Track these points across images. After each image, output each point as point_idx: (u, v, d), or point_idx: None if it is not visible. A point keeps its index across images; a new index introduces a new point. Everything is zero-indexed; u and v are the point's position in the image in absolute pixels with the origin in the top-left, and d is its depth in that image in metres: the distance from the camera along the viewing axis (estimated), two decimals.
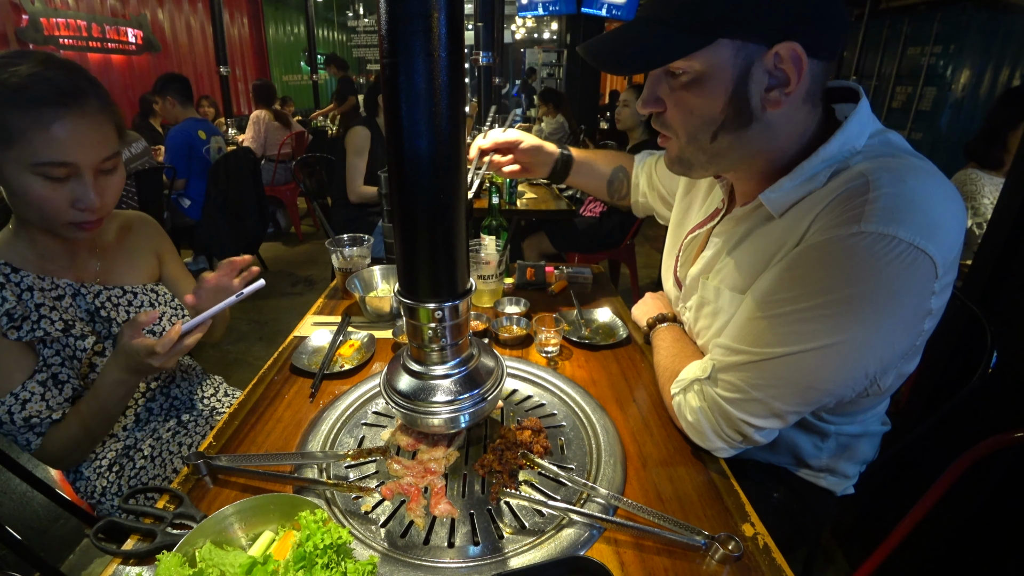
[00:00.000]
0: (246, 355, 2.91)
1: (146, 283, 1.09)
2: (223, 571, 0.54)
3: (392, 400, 0.72)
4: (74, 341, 0.93)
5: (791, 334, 0.67)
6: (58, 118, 0.79)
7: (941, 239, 0.61)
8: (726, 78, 0.66)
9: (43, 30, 5.33)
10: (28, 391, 0.88)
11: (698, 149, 0.74)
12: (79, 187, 0.83)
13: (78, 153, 0.81)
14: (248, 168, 3.34)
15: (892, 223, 0.60)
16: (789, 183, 0.72)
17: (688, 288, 0.95)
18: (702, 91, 0.68)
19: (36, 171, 0.80)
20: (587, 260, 2.95)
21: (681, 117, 0.72)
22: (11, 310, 0.87)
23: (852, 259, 0.62)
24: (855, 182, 0.65)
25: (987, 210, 2.02)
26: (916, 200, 0.62)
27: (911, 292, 0.63)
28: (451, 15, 0.51)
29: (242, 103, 8.43)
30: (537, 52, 9.91)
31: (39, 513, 0.89)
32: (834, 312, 0.64)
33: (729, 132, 0.70)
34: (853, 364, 0.67)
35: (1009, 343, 1.12)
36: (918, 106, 5.81)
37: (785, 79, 0.65)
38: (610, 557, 0.63)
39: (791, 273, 0.68)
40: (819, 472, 0.94)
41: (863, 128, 0.71)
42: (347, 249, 1.37)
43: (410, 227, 0.60)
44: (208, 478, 0.75)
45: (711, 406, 0.76)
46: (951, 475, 0.90)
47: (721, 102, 0.68)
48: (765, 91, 0.67)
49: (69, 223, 0.86)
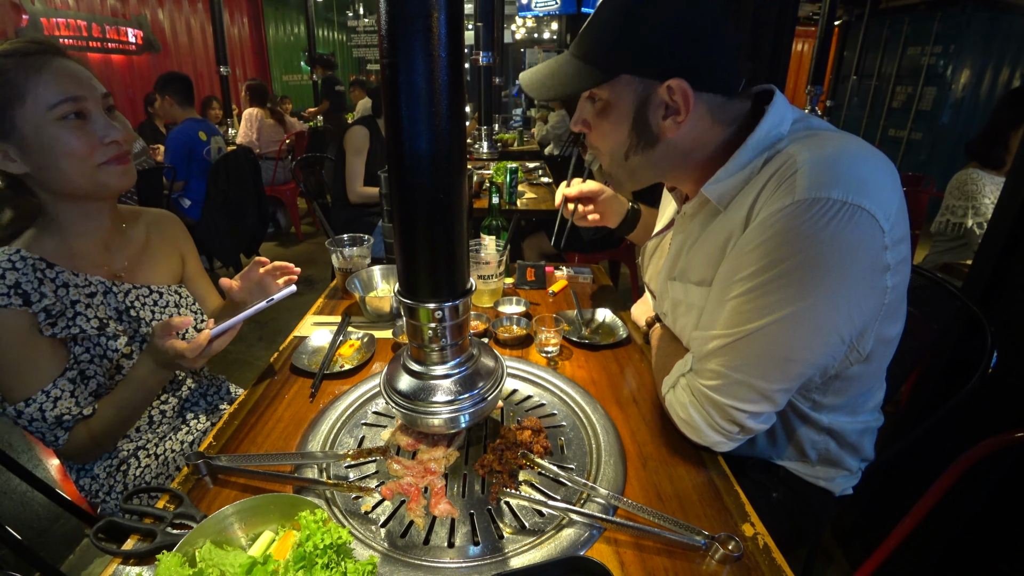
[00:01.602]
0: (246, 355, 2.91)
1: (171, 284, 1.11)
2: (223, 571, 0.54)
3: (392, 400, 0.72)
4: (106, 341, 0.95)
5: (755, 310, 0.70)
6: (50, 63, 0.85)
7: (874, 193, 0.65)
8: (628, 107, 0.76)
9: (43, 30, 5.33)
10: (59, 388, 0.89)
11: (618, 166, 0.83)
12: (97, 122, 0.88)
13: (80, 87, 0.86)
14: (248, 168, 3.33)
15: (822, 187, 0.65)
16: (724, 173, 0.78)
17: (660, 292, 0.98)
18: (610, 117, 0.79)
19: (53, 116, 0.84)
20: (587, 260, 2.95)
21: (599, 139, 0.83)
22: (49, 306, 0.87)
23: (795, 228, 0.66)
24: (784, 163, 0.71)
25: (988, 210, 2.02)
26: (839, 163, 0.67)
27: (859, 247, 0.66)
28: (451, 15, 0.51)
29: (242, 103, 8.43)
30: (537, 52, 9.89)
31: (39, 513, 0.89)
32: (790, 280, 0.67)
33: (637, 152, 0.80)
34: (822, 328, 0.69)
35: (1009, 343, 1.12)
36: (918, 106, 5.81)
37: (676, 109, 0.74)
38: (610, 557, 0.63)
39: (743, 254, 0.72)
40: (819, 468, 0.94)
41: (784, 115, 0.77)
42: (347, 249, 1.37)
43: (410, 227, 0.60)
44: (208, 478, 0.75)
45: (699, 398, 0.78)
46: (951, 475, 0.90)
47: (626, 127, 0.78)
48: (662, 119, 0.76)
49: (101, 165, 0.89)
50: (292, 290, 0.97)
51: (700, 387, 0.77)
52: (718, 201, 0.79)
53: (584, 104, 0.83)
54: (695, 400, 0.78)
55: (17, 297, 0.84)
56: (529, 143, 5.45)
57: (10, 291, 0.84)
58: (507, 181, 2.62)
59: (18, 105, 0.83)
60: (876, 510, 1.63)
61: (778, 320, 0.69)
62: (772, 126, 0.76)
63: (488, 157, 3.89)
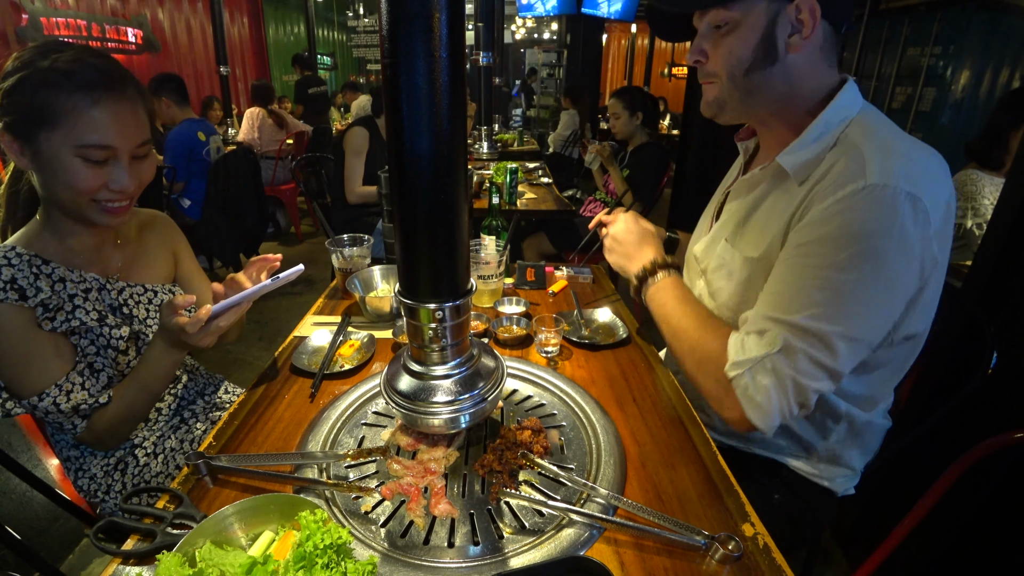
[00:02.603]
0: (246, 355, 2.91)
1: (164, 283, 1.11)
2: (223, 571, 0.54)
3: (392, 400, 0.72)
4: (109, 331, 0.95)
5: (838, 291, 0.73)
6: (101, 101, 0.83)
7: (930, 188, 0.72)
8: (759, 24, 0.80)
9: (43, 29, 5.32)
10: (71, 382, 0.90)
11: (734, 87, 0.85)
12: (116, 170, 0.87)
13: (118, 137, 0.85)
14: (248, 168, 3.33)
15: (889, 175, 0.71)
16: (798, 144, 0.83)
17: (705, 251, 1.01)
18: (739, 35, 0.82)
19: (78, 152, 0.83)
20: (588, 260, 2.94)
21: (721, 59, 0.85)
22: (46, 300, 0.88)
23: (866, 208, 0.71)
24: (852, 151, 0.77)
25: (987, 210, 2.02)
26: (904, 157, 0.74)
27: (915, 234, 0.71)
28: (452, 16, 0.51)
29: (242, 103, 8.43)
30: (537, 52, 9.89)
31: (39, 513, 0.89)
32: (866, 259, 0.72)
33: (759, 69, 0.82)
34: (888, 304, 0.75)
35: (1009, 343, 1.12)
36: (918, 107, 5.81)
37: (801, 28, 0.79)
38: (610, 557, 0.63)
39: (820, 233, 0.75)
40: (822, 467, 0.95)
41: (855, 98, 0.84)
42: (347, 249, 1.37)
43: (411, 227, 0.60)
44: (208, 478, 0.75)
45: (785, 382, 0.76)
46: (951, 475, 0.90)
47: (753, 43, 0.81)
48: (788, 36, 0.80)
49: (97, 204, 0.88)
50: (300, 269, 0.93)
51: (789, 371, 0.75)
52: (792, 171, 0.83)
53: (704, 35, 0.86)
54: (780, 384, 0.76)
55: (13, 292, 0.85)
56: (529, 143, 5.46)
57: (6, 286, 0.84)
58: (507, 181, 2.62)
59: (47, 128, 0.81)
60: (876, 510, 1.63)
61: (861, 300, 0.73)
62: (844, 105, 0.82)
63: (488, 157, 3.90)
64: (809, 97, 0.85)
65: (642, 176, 3.00)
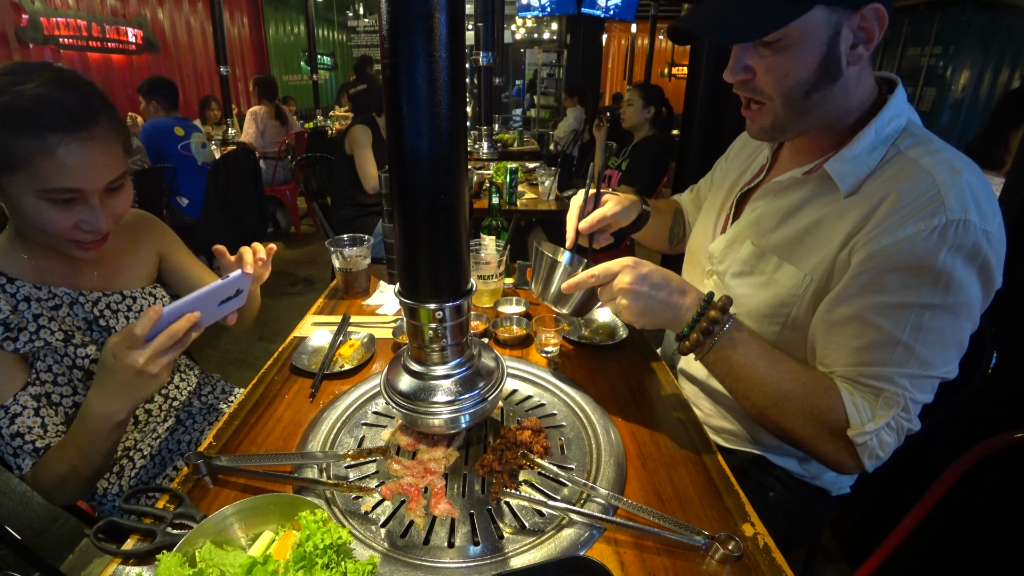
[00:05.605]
0: (246, 355, 2.91)
1: (144, 286, 1.07)
2: (223, 571, 0.54)
3: (392, 400, 0.72)
4: (74, 350, 0.91)
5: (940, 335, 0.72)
6: (65, 143, 0.75)
7: (995, 218, 0.70)
8: (820, 40, 0.72)
9: (43, 30, 5.32)
10: (20, 404, 0.84)
11: (792, 109, 0.78)
12: (85, 210, 0.81)
13: (86, 179, 0.79)
14: (248, 167, 3.33)
15: (966, 211, 0.68)
16: (849, 152, 0.77)
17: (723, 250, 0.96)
18: (797, 54, 0.73)
19: (42, 196, 0.77)
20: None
21: (775, 80, 0.76)
22: (6, 320, 0.84)
23: (954, 248, 0.68)
24: (916, 169, 0.73)
25: None
26: (975, 191, 0.70)
27: (991, 268, 0.70)
28: (452, 16, 0.51)
29: (242, 103, 8.43)
30: (537, 52, 9.89)
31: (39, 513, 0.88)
32: (959, 301, 0.70)
33: (820, 89, 0.75)
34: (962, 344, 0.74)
35: (1009, 343, 1.12)
36: (918, 106, 5.81)
37: (866, 37, 0.73)
38: (610, 557, 0.63)
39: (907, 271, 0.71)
40: (812, 466, 0.94)
41: (903, 108, 0.78)
42: (347, 249, 1.37)
43: (411, 227, 0.60)
44: (208, 478, 0.75)
45: (902, 434, 0.76)
46: (951, 475, 0.90)
47: (815, 62, 0.73)
48: (851, 48, 0.73)
49: (72, 242, 0.84)
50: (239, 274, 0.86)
51: (905, 424, 0.75)
52: (840, 181, 0.78)
53: (748, 49, 0.77)
54: (900, 436, 0.76)
55: None
56: (529, 143, 5.46)
57: None
58: (507, 181, 2.62)
59: (7, 173, 0.75)
60: (876, 510, 1.63)
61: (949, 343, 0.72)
62: (894, 114, 0.77)
63: (488, 157, 3.90)
64: (860, 105, 0.79)
65: (640, 168, 3.00)
